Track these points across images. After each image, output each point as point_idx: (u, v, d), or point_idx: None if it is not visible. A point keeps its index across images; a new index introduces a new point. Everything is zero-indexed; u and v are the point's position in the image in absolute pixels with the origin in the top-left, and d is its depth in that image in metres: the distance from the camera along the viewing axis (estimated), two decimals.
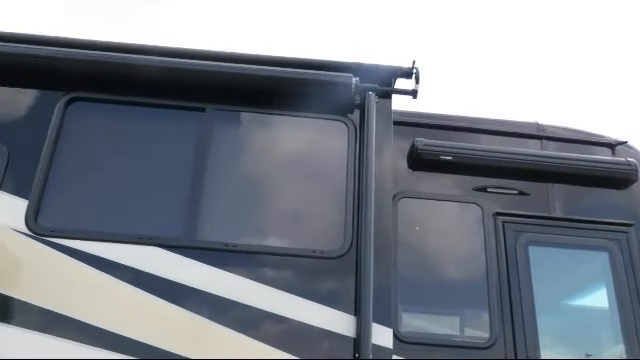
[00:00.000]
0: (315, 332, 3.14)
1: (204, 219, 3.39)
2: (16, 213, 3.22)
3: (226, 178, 3.55)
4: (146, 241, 3.24)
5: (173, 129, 3.65)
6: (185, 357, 3.00)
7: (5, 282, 3.09)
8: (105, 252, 3.17)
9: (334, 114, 3.69)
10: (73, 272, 3.14)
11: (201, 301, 3.12)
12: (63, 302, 3.06)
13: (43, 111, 3.51)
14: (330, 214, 3.46)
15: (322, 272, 3.29)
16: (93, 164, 3.52)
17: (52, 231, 3.20)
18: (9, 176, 3.32)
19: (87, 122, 3.59)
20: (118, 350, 2.98)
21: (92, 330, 3.01)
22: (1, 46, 3.56)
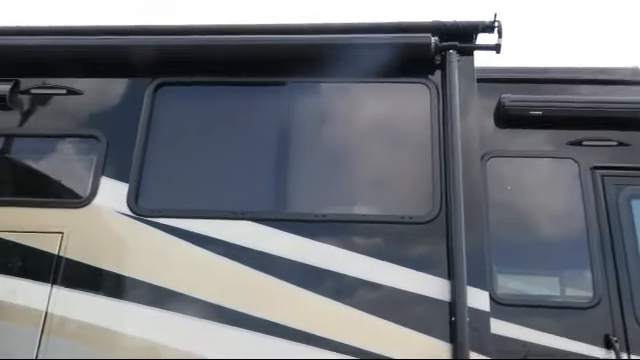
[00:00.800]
0: (409, 297, 3.14)
1: (293, 191, 3.46)
2: (118, 196, 3.42)
3: (311, 149, 3.59)
4: (239, 216, 3.35)
5: (257, 105, 3.72)
6: (283, 325, 3.10)
7: (113, 261, 3.31)
8: (201, 228, 3.31)
9: (414, 77, 3.62)
10: (173, 248, 3.30)
11: (295, 271, 3.20)
12: (166, 277, 3.23)
13: (134, 99, 3.69)
14: (417, 179, 3.42)
15: (412, 237, 3.28)
16: (184, 145, 3.66)
17: (152, 211, 3.38)
18: (109, 162, 3.53)
19: (175, 105, 3.73)
20: (220, 320, 3.12)
21: (194, 302, 3.16)
22: (93, 39, 3.75)
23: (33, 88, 3.77)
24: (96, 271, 3.28)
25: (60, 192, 3.68)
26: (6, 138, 3.77)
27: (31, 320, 3.15)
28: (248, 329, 3.10)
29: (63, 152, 3.77)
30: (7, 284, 3.27)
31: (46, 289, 3.21)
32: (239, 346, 3.08)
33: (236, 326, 3.11)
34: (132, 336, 3.14)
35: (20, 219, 3.41)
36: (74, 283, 3.24)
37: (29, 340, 3.11)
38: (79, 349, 3.11)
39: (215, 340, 3.10)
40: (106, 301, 3.21)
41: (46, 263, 3.28)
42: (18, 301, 3.23)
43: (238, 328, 3.10)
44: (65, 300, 3.20)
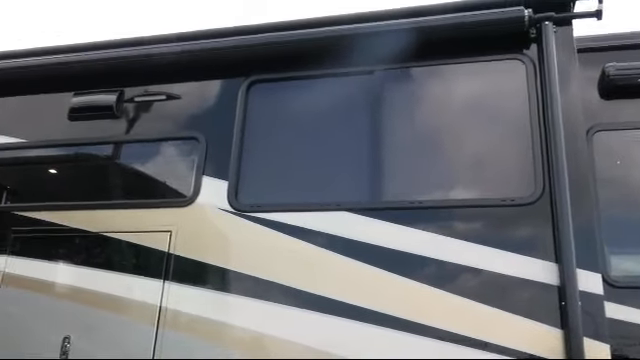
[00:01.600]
0: (514, 282, 3.03)
1: (388, 179, 3.44)
2: (220, 194, 3.56)
3: (405, 136, 3.55)
4: (336, 207, 3.38)
5: (347, 95, 3.73)
6: (385, 314, 3.09)
7: (218, 256, 3.44)
8: (299, 221, 3.37)
9: (508, 53, 3.47)
10: (273, 241, 3.39)
11: (394, 260, 3.18)
12: (268, 270, 3.32)
13: (229, 98, 3.81)
14: (517, 159, 3.29)
15: (515, 220, 3.15)
16: (279, 140, 3.74)
17: (251, 206, 3.49)
18: (209, 161, 3.67)
19: (268, 101, 3.81)
20: (322, 310, 3.17)
21: (296, 293, 3.23)
22: (187, 45, 3.92)
23: (136, 96, 3.99)
24: (203, 266, 3.43)
25: (166, 193, 3.88)
26: (115, 145, 4.04)
27: (147, 314, 3.36)
28: (351, 318, 3.12)
29: (167, 155, 3.97)
30: (124, 281, 3.50)
31: (159, 285, 3.41)
32: (342, 335, 3.11)
33: (338, 316, 3.14)
34: (239, 327, 3.26)
35: (132, 220, 3.64)
36: (184, 278, 3.41)
37: (146, 333, 3.31)
38: (191, 340, 3.28)
39: (318, 329, 3.15)
40: (213, 294, 3.36)
41: (157, 260, 3.48)
42: (134, 297, 3.45)
43: (340, 318, 3.13)
44: (176, 294, 3.38)
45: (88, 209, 3.78)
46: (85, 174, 4.25)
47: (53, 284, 3.63)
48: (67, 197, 3.93)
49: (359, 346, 3.08)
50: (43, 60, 4.19)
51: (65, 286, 3.62)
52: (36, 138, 4.12)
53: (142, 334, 3.33)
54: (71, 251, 3.68)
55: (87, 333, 3.45)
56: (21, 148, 4.18)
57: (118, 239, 3.61)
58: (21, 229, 3.80)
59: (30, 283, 3.65)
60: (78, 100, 4.05)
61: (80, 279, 3.59)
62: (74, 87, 4.11)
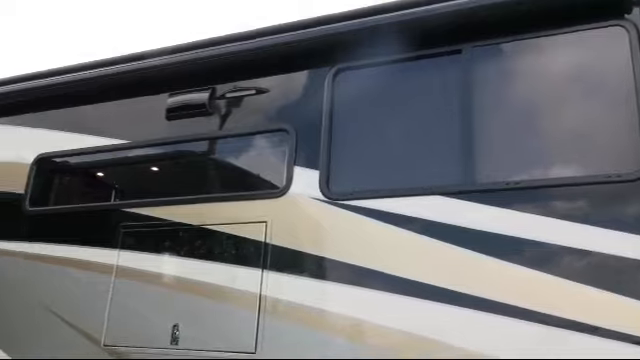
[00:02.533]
0: (627, 263, 2.85)
1: (482, 160, 3.33)
2: (311, 183, 3.61)
3: (498, 115, 3.43)
4: (429, 191, 3.32)
5: (434, 77, 3.65)
6: (485, 299, 3.01)
7: (313, 244, 3.50)
8: (392, 207, 3.35)
9: (607, 19, 3.24)
10: (366, 228, 3.39)
11: (492, 243, 3.09)
12: (363, 257, 3.33)
13: (316, 88, 3.84)
14: (622, 132, 3.08)
15: (622, 197, 2.96)
16: (369, 126, 3.73)
17: (343, 194, 3.51)
18: (299, 152, 3.73)
19: (354, 88, 3.81)
20: (419, 296, 3.13)
21: (392, 280, 3.21)
22: (272, 39, 3.99)
23: (227, 93, 4.12)
24: (299, 255, 3.50)
25: (260, 185, 4.00)
26: (210, 141, 4.20)
27: (248, 303, 3.47)
28: (449, 304, 3.06)
29: (258, 147, 4.08)
30: (225, 271, 3.64)
31: (258, 274, 3.51)
32: (441, 321, 3.07)
33: (436, 301, 3.09)
34: (337, 314, 3.30)
35: (228, 212, 3.77)
36: (281, 267, 3.50)
37: (249, 321, 3.43)
38: (292, 327, 3.36)
39: (416, 315, 3.12)
40: (310, 282, 3.42)
41: (255, 250, 3.58)
42: (235, 286, 3.58)
43: (439, 303, 3.09)
44: (275, 283, 3.47)
45: (188, 203, 3.96)
46: (184, 170, 4.47)
47: (160, 275, 3.84)
48: (169, 193, 4.13)
49: (460, 332, 3.02)
50: (139, 65, 4.42)
51: (171, 277, 3.82)
52: (138, 139, 4.36)
53: (245, 321, 3.45)
54: (175, 244, 3.87)
55: (194, 321, 3.63)
56: (125, 149, 4.43)
57: (217, 231, 3.75)
58: (129, 224, 4.04)
59: (140, 275, 3.88)
60: (173, 100, 4.24)
61: (184, 270, 3.77)
62: (169, 88, 4.30)
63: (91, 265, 4.06)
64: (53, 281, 4.17)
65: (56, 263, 4.20)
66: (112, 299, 3.88)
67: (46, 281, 4.20)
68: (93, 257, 4.07)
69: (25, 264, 4.34)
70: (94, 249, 4.10)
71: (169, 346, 3.60)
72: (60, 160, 4.71)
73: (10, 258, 4.42)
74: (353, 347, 3.21)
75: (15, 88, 4.91)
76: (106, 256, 4.01)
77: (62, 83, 4.71)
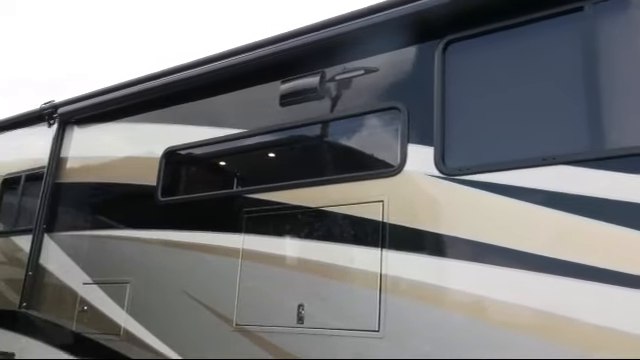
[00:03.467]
0: None
1: (606, 125, 3.09)
2: (426, 160, 3.55)
3: (623, 77, 3.15)
4: (551, 161, 3.15)
5: (552, 40, 3.43)
6: (617, 271, 2.81)
7: (431, 221, 3.45)
8: (512, 180, 3.22)
9: None
10: (485, 203, 3.29)
11: (623, 213, 2.87)
12: (482, 232, 3.23)
13: (425, 62, 3.76)
14: None
15: None
16: (481, 98, 3.59)
17: (460, 169, 3.42)
18: (412, 129, 3.68)
19: (465, 59, 3.68)
20: (545, 271, 2.99)
21: (515, 254, 3.10)
22: (376, 17, 3.95)
23: (336, 75, 4.14)
24: (417, 233, 3.46)
25: (375, 164, 3.99)
26: (322, 124, 4.25)
27: (369, 282, 3.50)
28: (579, 279, 2.90)
29: (371, 127, 4.07)
30: (345, 251, 3.69)
31: (377, 253, 3.53)
32: (572, 298, 2.91)
33: (562, 275, 2.94)
34: (458, 291, 3.24)
35: (345, 193, 3.82)
36: (399, 245, 3.48)
37: (371, 300, 3.46)
38: (413, 305, 3.35)
39: (542, 290, 2.99)
40: (430, 259, 3.38)
41: (373, 230, 3.60)
42: (356, 265, 3.62)
43: (565, 277, 2.93)
44: (394, 262, 3.46)
45: (307, 186, 4.05)
46: (300, 154, 4.57)
47: (284, 257, 3.98)
48: (287, 177, 4.24)
49: (591, 308, 2.85)
50: (253, 55, 4.57)
51: (294, 258, 3.95)
52: (256, 127, 4.52)
53: (367, 300, 3.49)
54: (295, 226, 3.99)
55: (318, 301, 3.72)
56: (244, 137, 4.61)
57: (335, 212, 3.81)
58: (251, 209, 4.22)
59: (264, 257, 4.04)
60: (286, 87, 4.34)
61: (306, 251, 3.88)
62: (281, 75, 4.40)
63: (219, 250, 4.29)
64: (186, 265, 4.47)
65: (187, 249, 4.49)
66: (240, 281, 4.09)
67: (179, 266, 4.51)
68: (220, 242, 4.30)
69: (160, 251, 4.69)
70: (220, 234, 4.33)
71: (295, 325, 3.72)
72: (186, 152, 5.00)
73: (148, 246, 4.79)
74: (475, 325, 3.14)
75: (142, 88, 5.28)
76: (232, 241, 4.22)
77: (183, 79, 5.00)
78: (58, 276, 5.39)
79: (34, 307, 5.43)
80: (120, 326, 4.69)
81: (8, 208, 6.34)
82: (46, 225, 5.61)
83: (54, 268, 5.45)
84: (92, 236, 5.28)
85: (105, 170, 5.47)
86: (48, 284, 5.44)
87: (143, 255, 4.82)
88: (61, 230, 5.56)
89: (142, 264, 4.79)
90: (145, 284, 4.70)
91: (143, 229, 4.89)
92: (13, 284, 5.72)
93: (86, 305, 5.01)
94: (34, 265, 5.52)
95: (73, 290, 5.17)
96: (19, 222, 6.10)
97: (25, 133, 6.45)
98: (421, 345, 3.28)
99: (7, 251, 6.07)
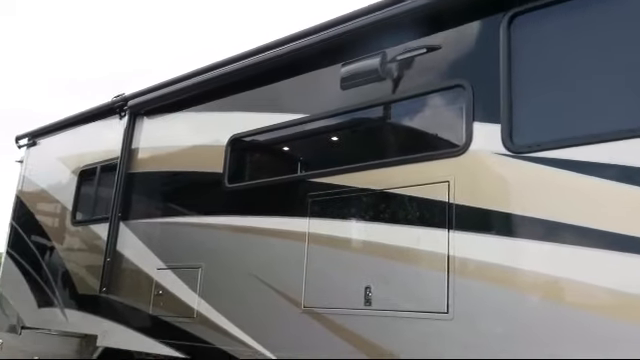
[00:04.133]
0: None
1: None
2: (493, 138, 3.45)
3: None
4: (629, 134, 2.99)
5: (625, 8, 3.24)
6: None
7: (500, 200, 3.36)
8: (586, 155, 3.09)
9: None
10: (557, 180, 3.17)
11: None
12: (555, 210, 3.13)
13: (489, 38, 3.64)
14: None
15: None
16: (550, 72, 3.45)
17: (529, 146, 3.31)
18: (478, 107, 3.58)
19: (532, 32, 3.54)
20: (622, 249, 2.87)
21: (589, 233, 2.98)
22: None
23: (398, 55, 4.08)
24: (485, 212, 3.39)
25: (440, 144, 3.92)
26: (385, 106, 4.21)
27: (437, 263, 3.47)
28: None
29: (434, 107, 4.00)
30: (411, 233, 3.66)
31: (444, 234, 3.48)
32: None
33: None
34: (530, 271, 3.16)
35: (410, 175, 3.77)
36: (467, 226, 3.42)
37: (439, 281, 3.43)
38: (482, 286, 3.29)
39: (617, 269, 2.87)
40: (498, 240, 3.30)
41: (439, 210, 3.55)
42: (423, 247, 3.58)
43: None
44: (462, 242, 3.41)
45: (370, 169, 4.03)
46: (363, 137, 4.55)
47: (349, 240, 3.99)
48: (351, 160, 4.23)
49: None
50: (312, 39, 4.57)
51: (359, 241, 3.95)
52: (318, 111, 4.53)
53: (435, 282, 3.45)
54: (360, 209, 3.98)
55: (385, 283, 3.72)
56: (307, 122, 4.64)
57: (401, 194, 3.78)
58: (316, 193, 4.24)
59: (330, 240, 4.07)
60: (346, 69, 4.31)
61: (371, 233, 3.87)
62: (342, 58, 4.38)
63: (285, 234, 4.35)
64: (254, 250, 4.56)
65: (255, 233, 4.58)
66: (308, 264, 4.13)
67: (248, 250, 4.60)
68: (286, 226, 4.36)
69: (229, 236, 4.80)
70: (286, 219, 4.39)
71: (363, 307, 3.74)
72: (250, 139, 5.08)
73: (217, 231, 4.92)
74: (546, 306, 3.06)
75: (206, 77, 5.39)
76: (298, 224, 4.27)
77: (245, 67, 5.06)
78: (134, 262, 5.62)
79: (113, 292, 5.70)
80: (193, 309, 4.85)
81: (85, 198, 6.65)
82: (121, 213, 5.86)
83: (130, 254, 5.69)
84: (164, 223, 5.47)
85: (174, 159, 5.64)
86: (125, 270, 5.69)
87: (213, 240, 4.95)
88: (135, 218, 5.79)
89: (212, 249, 4.92)
90: (216, 268, 4.84)
91: (212, 215, 5.02)
92: (93, 270, 6.01)
93: (161, 289, 5.21)
94: (112, 252, 5.78)
95: (148, 275, 5.39)
96: (96, 211, 6.39)
97: (98, 126, 6.73)
98: (491, 327, 3.22)
99: (86, 239, 6.38)
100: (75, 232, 6.59)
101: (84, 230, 6.45)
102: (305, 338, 4.03)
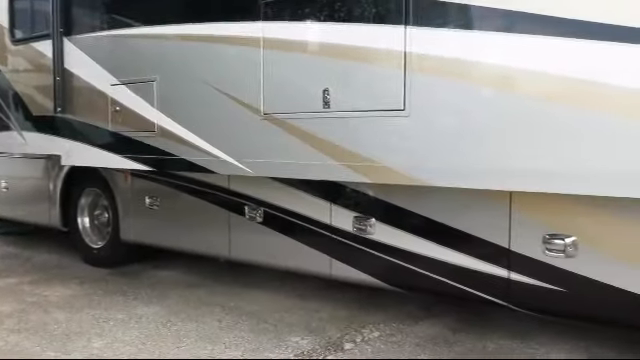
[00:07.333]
0: None
1: None
2: None
3: None
4: None
5: None
6: None
7: None
8: None
9: None
10: None
11: None
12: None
13: None
14: None
15: None
16: None
17: None
18: None
19: None
20: (582, 36, 2.83)
21: (548, 21, 2.90)
22: None
23: None
24: (444, 5, 3.27)
25: None
26: None
27: (393, 61, 3.41)
28: (612, 40, 2.73)
29: None
30: (367, 32, 3.54)
31: (401, 30, 3.37)
32: (607, 62, 2.78)
33: (600, 40, 2.77)
34: (485, 63, 3.15)
35: None
36: (425, 21, 3.31)
37: (396, 79, 3.40)
38: (439, 82, 3.29)
39: (576, 57, 2.86)
40: (457, 33, 3.22)
41: (396, 6, 3.41)
42: (379, 45, 3.50)
43: (602, 42, 2.77)
44: (418, 39, 3.32)
45: None
46: None
47: (305, 42, 3.88)
48: None
49: (622, 70, 2.74)
50: None
51: (316, 43, 3.85)
52: None
53: (392, 80, 3.43)
54: (315, 9, 3.79)
55: (343, 84, 3.69)
56: None
57: None
58: None
59: (286, 44, 3.94)
60: None
61: (328, 35, 3.75)
62: None
63: (239, 39, 4.18)
64: (208, 58, 4.41)
65: (208, 41, 4.39)
66: (264, 70, 4.04)
67: (202, 59, 4.45)
68: (239, 32, 4.18)
69: (182, 46, 4.60)
70: (239, 24, 4.19)
71: (322, 110, 3.75)
72: None
73: (169, 42, 4.70)
74: (501, 97, 3.10)
75: None
76: (251, 29, 4.08)
77: None
78: (85, 80, 5.43)
79: (69, 111, 5.59)
80: (154, 122, 4.82)
81: (22, 13, 6.20)
82: (63, 29, 5.51)
83: (80, 72, 5.47)
84: (111, 36, 5.19)
85: None
86: (77, 88, 5.52)
87: (165, 51, 4.76)
88: (79, 33, 5.46)
89: (165, 61, 4.75)
90: (171, 80, 4.71)
91: (162, 24, 4.76)
92: (44, 91, 5.81)
93: (118, 106, 5.12)
94: (60, 71, 5.55)
95: (102, 92, 5.24)
96: (35, 27, 6.00)
97: None
98: (447, 122, 3.29)
99: (31, 58, 6.07)
100: (17, 52, 6.25)
101: (26, 49, 6.11)
102: (266, 144, 4.09)
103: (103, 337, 3.99)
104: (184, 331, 4.10)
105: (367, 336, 3.97)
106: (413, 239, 3.79)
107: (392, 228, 3.90)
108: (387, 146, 3.52)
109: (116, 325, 4.24)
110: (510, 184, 3.18)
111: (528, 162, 3.02)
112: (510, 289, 3.44)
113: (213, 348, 3.79)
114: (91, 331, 4.11)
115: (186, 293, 5.04)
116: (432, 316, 4.35)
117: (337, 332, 4.05)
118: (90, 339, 3.96)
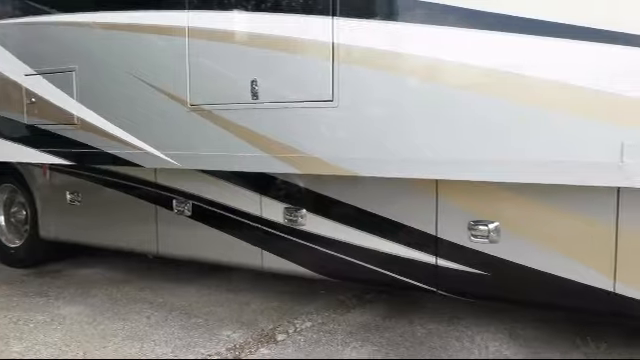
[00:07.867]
0: None
1: None
2: None
3: None
4: None
5: None
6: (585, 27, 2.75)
7: None
8: None
9: None
10: None
11: None
12: None
13: None
14: None
15: None
16: None
17: None
18: None
19: None
20: (508, 30, 2.91)
21: (474, 13, 2.98)
22: None
23: None
24: None
25: None
26: None
27: (321, 52, 3.41)
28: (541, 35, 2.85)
29: None
30: (295, 22, 3.52)
31: (328, 21, 3.37)
32: (530, 54, 2.89)
33: (526, 33, 2.88)
34: (411, 55, 3.20)
35: None
36: (353, 12, 3.32)
37: (324, 70, 3.40)
38: (366, 73, 3.31)
39: (502, 50, 2.96)
40: (384, 25, 3.26)
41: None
42: (307, 36, 3.49)
43: (527, 35, 2.89)
44: (346, 29, 3.33)
45: None
46: None
47: (233, 33, 3.80)
48: None
49: (540, 63, 2.86)
50: None
51: (243, 33, 3.78)
52: None
53: (320, 71, 3.43)
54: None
55: (271, 75, 3.66)
56: None
57: None
58: None
59: (212, 34, 3.85)
60: None
61: (255, 25, 3.70)
62: None
63: (163, 29, 4.06)
64: (131, 48, 4.25)
65: (131, 30, 4.24)
66: (190, 61, 3.94)
67: (124, 49, 4.28)
68: (164, 20, 4.05)
69: (102, 34, 4.42)
70: (163, 12, 4.07)
71: (250, 101, 3.71)
72: None
73: (88, 30, 4.50)
74: (427, 88, 3.16)
75: None
76: (176, 18, 3.97)
77: None
78: None
79: None
80: (73, 115, 4.61)
81: None
82: None
83: None
84: (26, 24, 4.92)
85: None
86: None
87: (84, 40, 4.55)
88: None
89: (85, 50, 4.55)
90: (91, 70, 4.52)
91: (80, 12, 4.55)
92: None
93: (33, 97, 4.87)
94: None
95: (16, 82, 4.97)
96: None
97: None
98: (374, 112, 3.32)
99: None
100: None
101: None
102: (194, 135, 4.00)
103: (23, 340, 3.81)
104: (111, 330, 3.97)
105: (299, 326, 3.98)
106: (344, 229, 3.83)
107: (323, 218, 3.91)
108: (316, 137, 3.52)
109: (37, 327, 4.05)
110: (435, 173, 3.26)
111: (452, 151, 3.11)
112: (438, 275, 3.54)
113: (142, 346, 3.70)
114: (10, 335, 3.90)
115: (112, 290, 4.88)
116: (363, 304, 4.42)
117: (269, 324, 4.04)
118: (8, 343, 3.76)
